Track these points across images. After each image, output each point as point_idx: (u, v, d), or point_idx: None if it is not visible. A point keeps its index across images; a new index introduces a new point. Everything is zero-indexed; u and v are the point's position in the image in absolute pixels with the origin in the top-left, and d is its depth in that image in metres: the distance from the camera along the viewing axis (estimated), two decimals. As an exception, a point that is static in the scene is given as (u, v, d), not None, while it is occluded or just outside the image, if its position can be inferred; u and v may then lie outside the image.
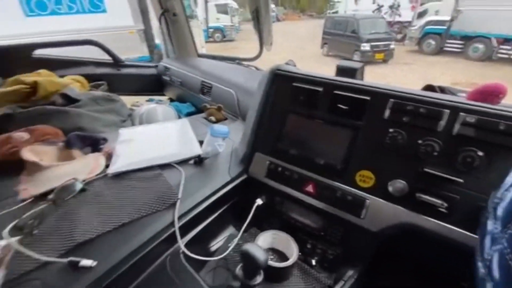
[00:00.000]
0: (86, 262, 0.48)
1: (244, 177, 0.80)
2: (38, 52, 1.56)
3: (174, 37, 1.83)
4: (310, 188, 0.68)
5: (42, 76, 1.21)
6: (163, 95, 1.91)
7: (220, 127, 0.77)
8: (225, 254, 0.64)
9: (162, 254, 0.59)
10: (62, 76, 1.35)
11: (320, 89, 0.69)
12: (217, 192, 0.73)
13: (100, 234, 0.54)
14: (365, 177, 0.63)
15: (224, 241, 0.75)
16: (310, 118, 0.71)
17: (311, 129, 0.70)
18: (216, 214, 0.74)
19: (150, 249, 0.56)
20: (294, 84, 0.74)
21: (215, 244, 0.74)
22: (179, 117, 1.41)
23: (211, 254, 0.71)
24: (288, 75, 0.76)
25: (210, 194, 0.71)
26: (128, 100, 1.56)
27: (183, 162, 0.80)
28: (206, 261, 0.67)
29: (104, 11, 4.56)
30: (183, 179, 0.71)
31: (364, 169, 0.63)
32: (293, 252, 0.64)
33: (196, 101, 1.48)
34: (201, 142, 0.87)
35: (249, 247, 0.47)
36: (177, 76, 1.63)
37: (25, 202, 0.64)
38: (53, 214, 0.60)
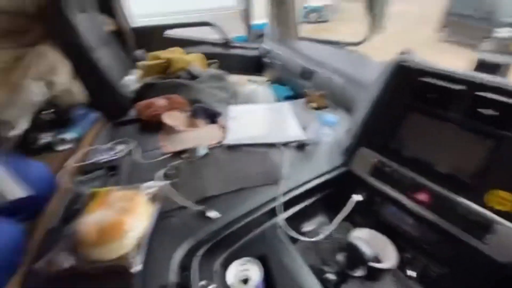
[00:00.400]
0: (213, 214, 0.59)
1: (344, 169, 0.79)
2: (168, 32, 1.86)
3: (278, 18, 1.87)
4: (423, 197, 0.62)
5: (175, 53, 1.45)
6: (263, 76, 2.01)
7: (329, 116, 0.78)
8: (316, 238, 0.68)
9: (263, 223, 0.67)
10: (189, 53, 1.58)
11: (457, 87, 0.60)
12: (316, 179, 0.75)
13: (222, 194, 0.65)
14: (503, 199, 0.53)
15: (314, 226, 0.79)
16: (437, 120, 0.63)
17: (437, 132, 0.63)
18: (311, 200, 0.77)
19: (256, 216, 0.64)
20: (422, 79, 0.66)
21: (306, 227, 0.78)
22: (278, 100, 1.47)
23: (302, 235, 0.75)
24: (416, 68, 0.69)
25: (309, 179, 0.74)
26: (231, 79, 1.72)
27: (286, 145, 0.85)
28: (296, 240, 0.72)
29: (211, -9, 5.02)
30: (288, 160, 0.76)
31: (503, 189, 0.53)
32: (391, 256, 0.61)
33: (295, 85, 1.51)
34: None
35: (357, 240, 0.48)
36: (277, 58, 1.68)
37: (165, 156, 0.82)
38: (186, 169, 0.75)
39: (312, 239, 0.68)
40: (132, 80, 1.41)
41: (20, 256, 0.55)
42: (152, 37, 1.88)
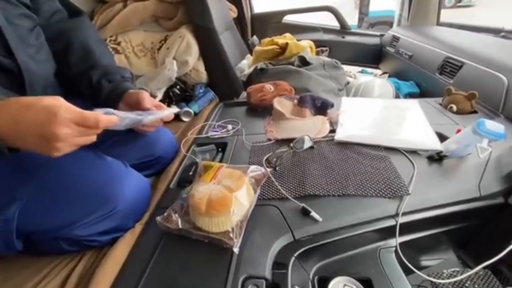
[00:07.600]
0: (316, 216, 0.53)
1: (500, 201, 0.57)
2: (286, 18, 1.84)
3: (414, 0, 1.55)
4: None
5: (287, 39, 1.42)
6: (378, 68, 1.75)
7: (494, 125, 0.56)
8: (443, 281, 0.52)
9: (373, 242, 0.56)
10: (298, 40, 1.53)
11: None
12: (453, 205, 0.57)
13: (327, 195, 0.58)
14: None
15: (437, 262, 0.61)
16: None
17: None
18: (440, 229, 0.59)
19: (365, 232, 0.54)
20: None
21: (425, 261, 0.62)
22: (397, 96, 1.24)
23: (419, 269, 0.60)
24: None
25: (444, 203, 0.57)
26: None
27: (413, 153, 0.68)
28: (411, 272, 0.57)
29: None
30: (415, 173, 0.61)
31: None
32: None
33: (424, 80, 1.23)
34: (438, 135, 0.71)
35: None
36: (407, 48, 1.40)
37: (269, 142, 0.81)
38: (289, 160, 0.71)
39: (435, 280, 0.52)
40: (245, 64, 1.48)
41: (146, 205, 0.65)
42: (268, 23, 1.91)
